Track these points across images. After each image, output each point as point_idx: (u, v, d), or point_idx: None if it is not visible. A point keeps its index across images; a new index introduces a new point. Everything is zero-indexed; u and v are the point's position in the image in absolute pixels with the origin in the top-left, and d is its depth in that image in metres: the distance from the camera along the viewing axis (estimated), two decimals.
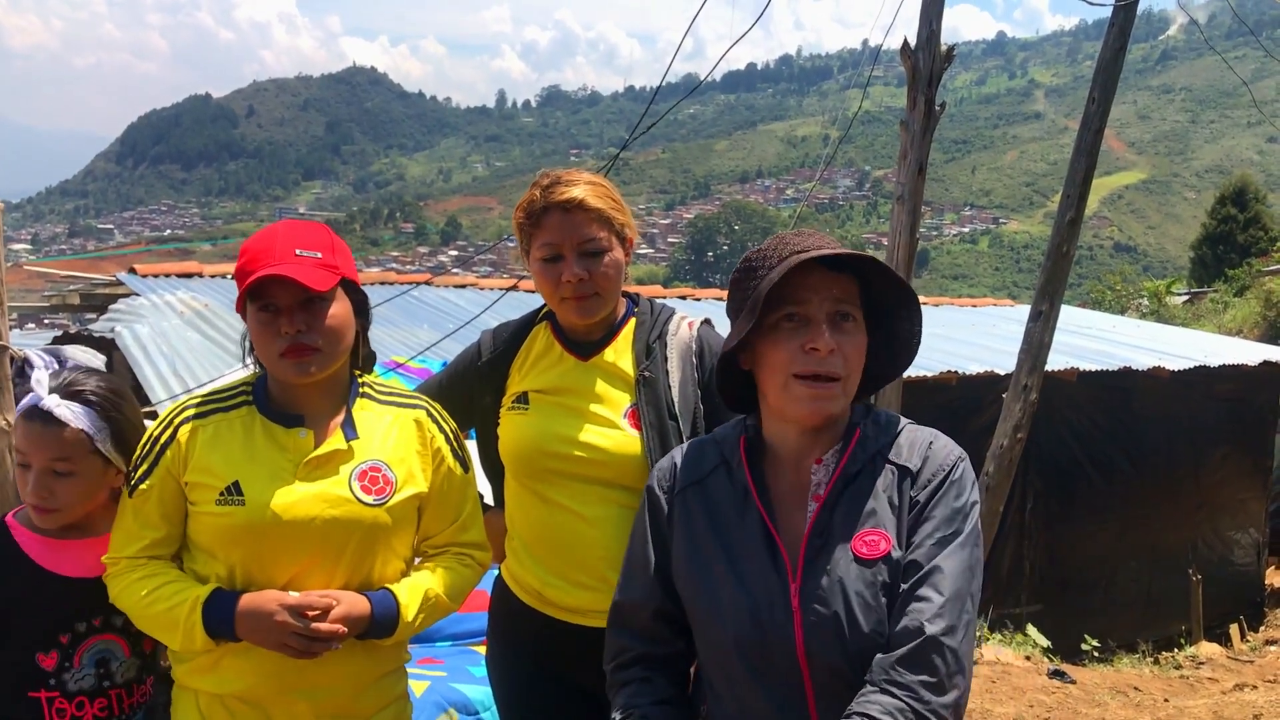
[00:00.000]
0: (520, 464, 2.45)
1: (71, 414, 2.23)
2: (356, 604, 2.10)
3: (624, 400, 2.40)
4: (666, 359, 2.42)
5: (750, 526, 1.81)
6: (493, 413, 2.54)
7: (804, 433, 1.84)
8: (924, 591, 1.71)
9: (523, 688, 2.53)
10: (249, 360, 2.26)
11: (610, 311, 2.46)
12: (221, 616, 2.05)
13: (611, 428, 2.37)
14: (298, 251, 2.09)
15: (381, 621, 2.13)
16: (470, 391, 2.58)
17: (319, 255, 2.12)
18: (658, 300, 2.60)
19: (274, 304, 2.09)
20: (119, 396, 2.32)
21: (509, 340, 2.57)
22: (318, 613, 2.05)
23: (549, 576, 2.40)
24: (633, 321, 2.49)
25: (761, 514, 1.80)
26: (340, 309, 2.14)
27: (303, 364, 2.10)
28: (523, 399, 2.47)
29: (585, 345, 2.46)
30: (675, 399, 2.38)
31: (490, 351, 2.58)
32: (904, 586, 1.74)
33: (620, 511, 2.34)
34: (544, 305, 2.55)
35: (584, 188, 2.38)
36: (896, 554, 1.76)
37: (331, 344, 2.12)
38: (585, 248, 2.37)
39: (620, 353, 2.45)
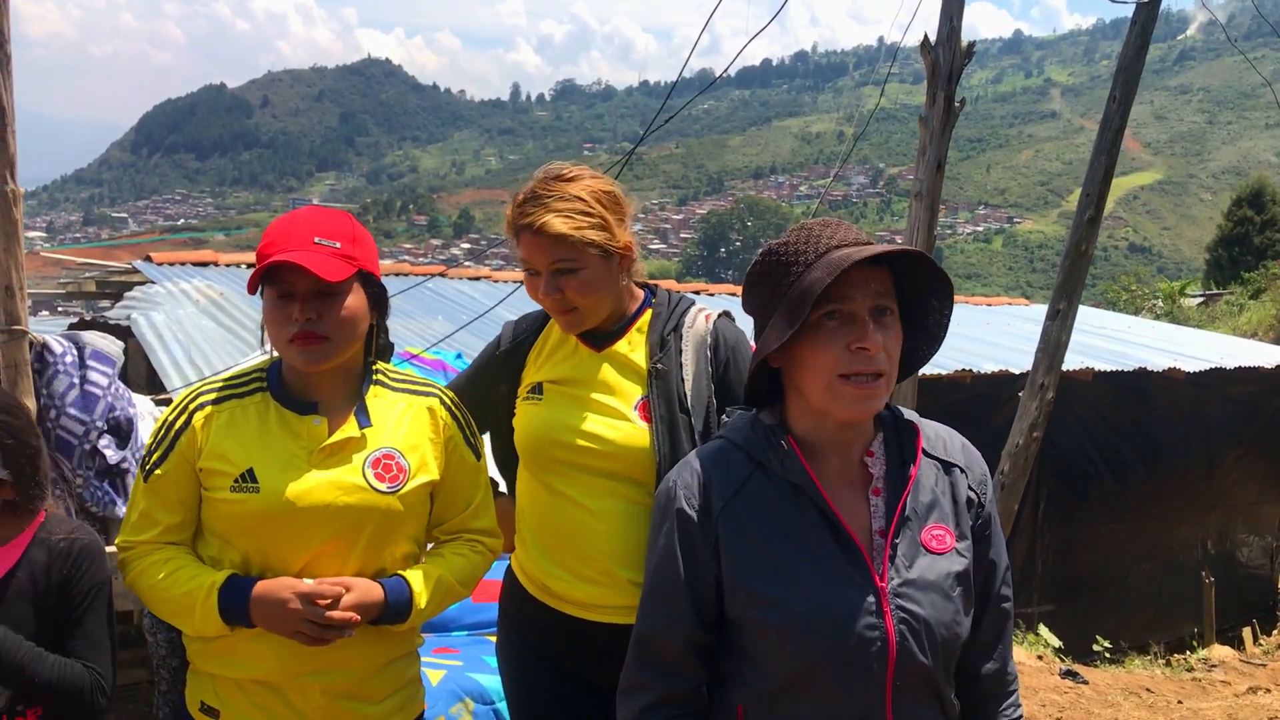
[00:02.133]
0: (530, 454, 2.44)
1: None
2: (370, 591, 2.10)
3: (635, 392, 2.37)
4: (681, 351, 2.38)
5: (811, 526, 1.75)
6: (507, 402, 2.53)
7: (843, 427, 1.80)
8: (1005, 590, 1.90)
9: (527, 678, 2.53)
10: (268, 345, 2.26)
11: (615, 310, 2.42)
12: (236, 603, 2.05)
13: (621, 420, 2.35)
14: (316, 239, 2.09)
15: (395, 608, 2.14)
16: (490, 381, 2.57)
17: (337, 245, 2.11)
18: (677, 292, 2.56)
19: (288, 290, 2.09)
20: (4, 413, 2.24)
21: (527, 330, 2.56)
22: (330, 600, 2.05)
23: (554, 568, 2.39)
24: (649, 313, 2.46)
25: (833, 511, 1.75)
26: (354, 300, 2.13)
27: (310, 352, 2.09)
28: (537, 389, 2.46)
29: (599, 336, 2.43)
30: (688, 392, 2.34)
31: (509, 341, 2.57)
32: (995, 585, 1.88)
33: (627, 505, 2.32)
34: None
35: (553, 214, 2.30)
36: (960, 546, 1.79)
37: (341, 334, 2.12)
38: (556, 267, 2.32)
39: (634, 344, 2.42)
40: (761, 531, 1.76)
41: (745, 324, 2.23)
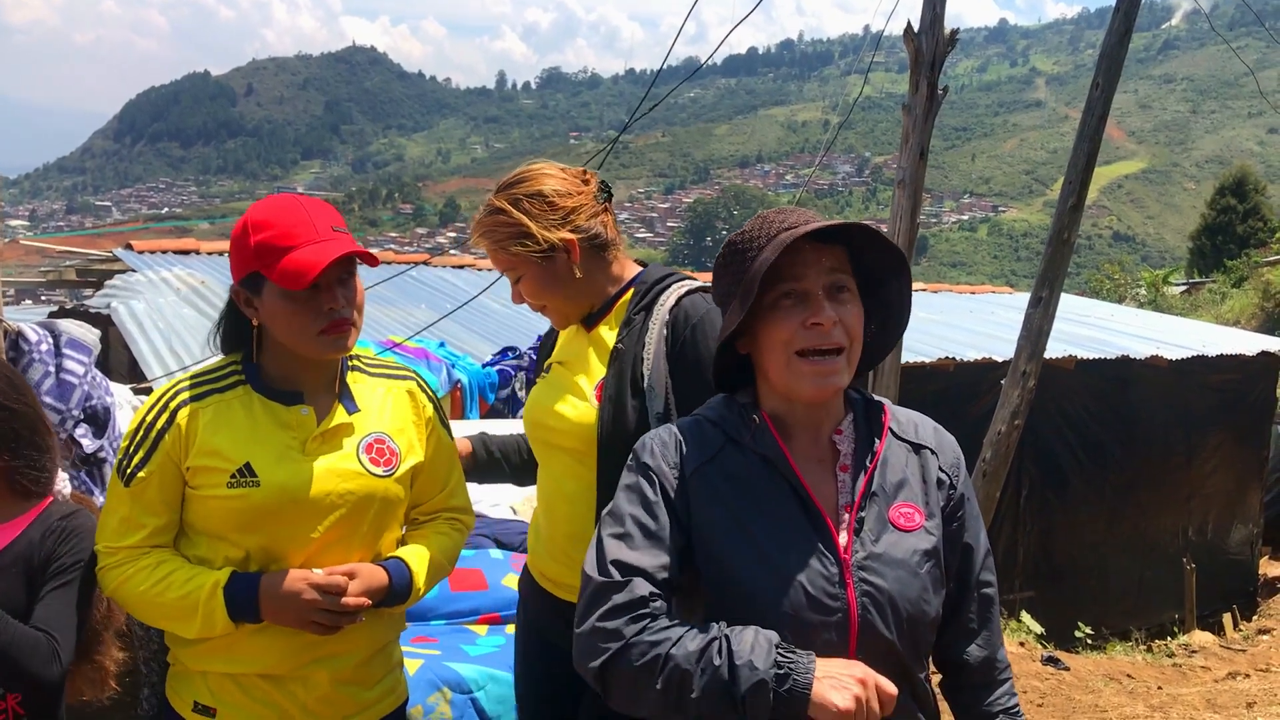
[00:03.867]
0: (526, 433, 2.53)
1: None
2: (375, 575, 2.11)
3: (601, 372, 2.39)
4: (647, 330, 2.37)
5: (780, 498, 1.76)
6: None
7: (811, 407, 1.81)
8: (985, 576, 1.89)
9: (522, 651, 2.62)
10: (214, 344, 2.21)
11: (597, 295, 2.44)
12: (245, 599, 2.02)
13: (581, 399, 2.38)
14: (334, 228, 2.07)
15: (399, 590, 2.15)
16: (539, 369, 2.68)
17: (346, 231, 2.11)
18: (667, 269, 2.55)
19: (316, 280, 2.02)
20: None
21: None
22: (342, 588, 2.06)
23: (536, 544, 2.49)
24: (630, 293, 2.46)
25: (801, 483, 1.75)
26: (360, 284, 2.15)
27: (342, 339, 2.08)
28: (548, 369, 2.53)
29: (590, 316, 2.47)
30: (646, 371, 2.33)
31: (550, 327, 2.67)
32: (973, 569, 1.88)
33: (583, 486, 2.35)
34: None
35: (480, 232, 2.42)
36: (929, 525, 1.80)
37: (361, 318, 2.14)
38: (508, 276, 2.45)
39: (611, 324, 2.45)
40: (731, 498, 1.77)
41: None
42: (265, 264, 2.02)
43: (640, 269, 2.52)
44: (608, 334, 2.43)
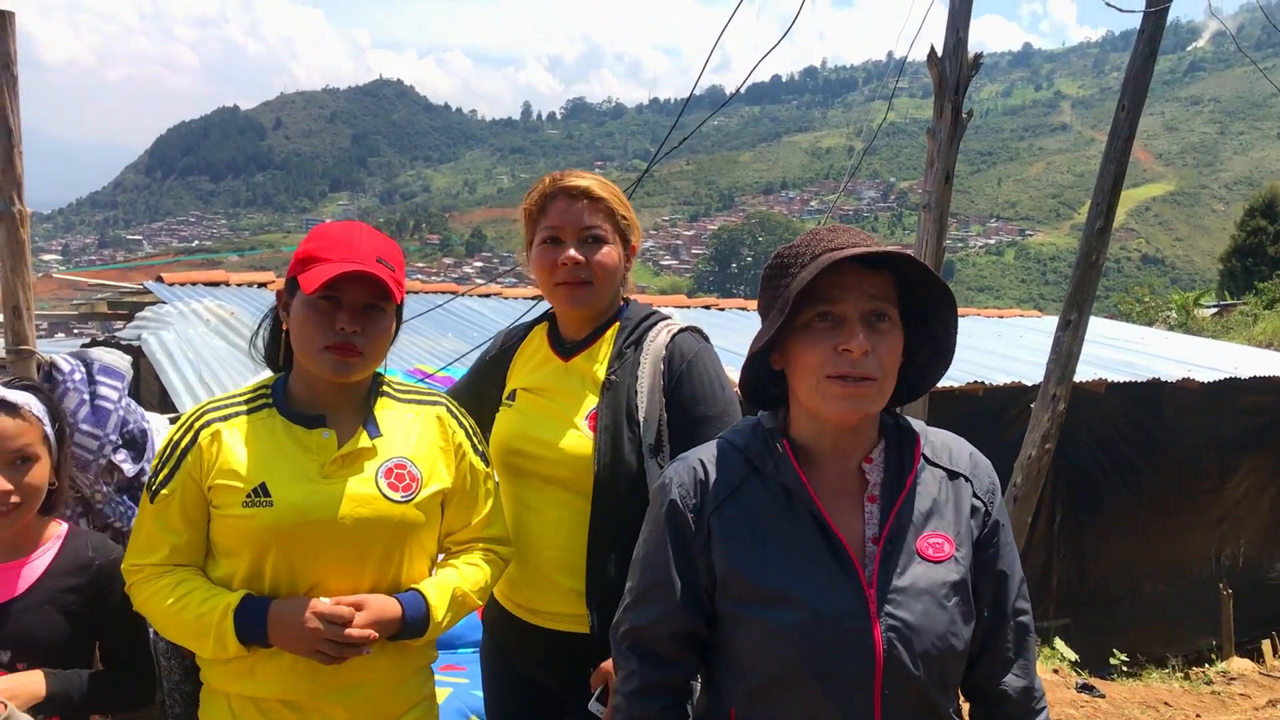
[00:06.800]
0: (495, 459, 2.50)
1: (26, 398, 2.28)
2: (387, 607, 2.09)
3: (590, 403, 2.41)
4: (639, 364, 2.40)
5: (803, 531, 1.73)
6: (494, 407, 2.59)
7: (841, 432, 1.77)
8: (1021, 604, 1.84)
9: (491, 680, 2.62)
10: (259, 342, 2.27)
11: (603, 309, 2.48)
12: (254, 623, 2.04)
13: (570, 429, 2.38)
14: (379, 259, 2.10)
15: (413, 623, 2.13)
16: (485, 385, 2.65)
17: (393, 269, 2.13)
18: (650, 306, 2.59)
19: (336, 298, 2.08)
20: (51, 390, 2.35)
21: (514, 338, 2.65)
22: (346, 618, 2.05)
23: (511, 572, 2.46)
24: (616, 325, 2.49)
25: (823, 516, 1.72)
26: (391, 324, 2.16)
27: (345, 364, 2.09)
28: (512, 396, 2.53)
29: (568, 346, 2.49)
30: (640, 405, 2.35)
31: (497, 348, 2.66)
32: (1008, 597, 1.82)
33: (572, 515, 2.36)
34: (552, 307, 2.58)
35: (592, 179, 2.46)
36: (960, 555, 1.75)
37: (376, 352, 2.14)
38: (585, 234, 2.41)
39: (597, 356, 2.46)
40: (752, 534, 1.75)
41: (723, 339, 2.22)
42: (300, 269, 2.09)
43: (623, 303, 2.55)
44: (594, 366, 2.45)
